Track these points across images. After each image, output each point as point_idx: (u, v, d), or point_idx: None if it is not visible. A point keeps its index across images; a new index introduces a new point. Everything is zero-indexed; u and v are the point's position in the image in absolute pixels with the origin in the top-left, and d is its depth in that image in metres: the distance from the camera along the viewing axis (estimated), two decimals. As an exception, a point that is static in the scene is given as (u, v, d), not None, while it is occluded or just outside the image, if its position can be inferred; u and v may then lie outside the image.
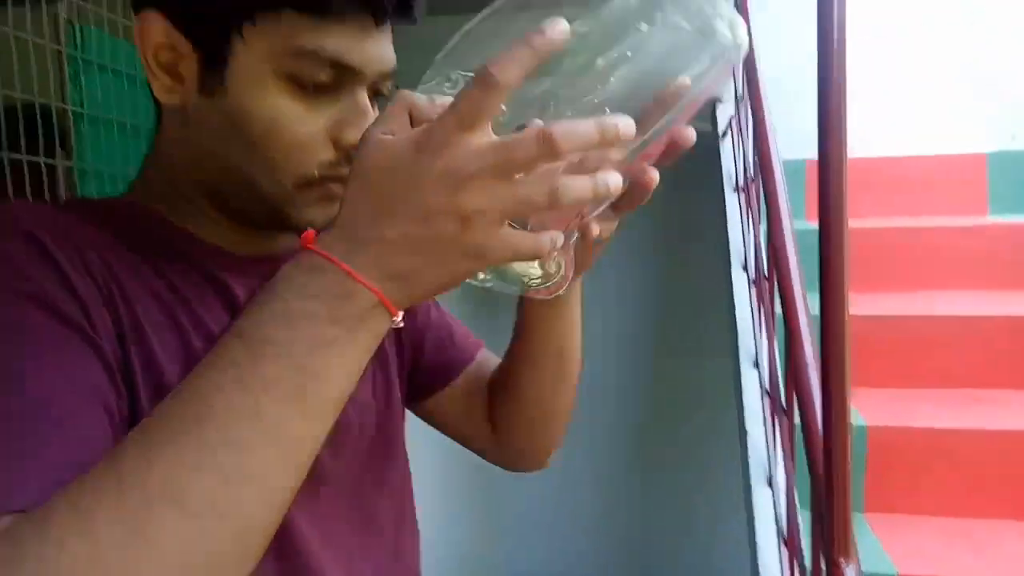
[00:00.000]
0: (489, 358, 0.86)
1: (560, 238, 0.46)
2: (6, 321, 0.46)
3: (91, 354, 0.48)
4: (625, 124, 0.42)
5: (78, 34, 1.32)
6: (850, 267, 0.95)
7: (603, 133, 0.41)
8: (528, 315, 0.74)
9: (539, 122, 0.43)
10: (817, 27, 0.87)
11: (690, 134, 0.52)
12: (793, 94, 2.46)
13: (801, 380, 1.37)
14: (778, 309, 1.70)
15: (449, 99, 0.43)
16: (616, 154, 0.45)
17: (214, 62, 0.54)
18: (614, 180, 0.43)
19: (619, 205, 0.54)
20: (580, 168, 0.43)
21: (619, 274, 3.71)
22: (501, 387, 0.81)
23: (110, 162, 1.39)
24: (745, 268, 2.22)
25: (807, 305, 1.51)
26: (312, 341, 0.42)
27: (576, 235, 0.52)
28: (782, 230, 1.47)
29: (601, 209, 0.50)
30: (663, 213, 3.79)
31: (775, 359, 1.78)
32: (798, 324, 1.45)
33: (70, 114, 1.31)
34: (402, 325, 0.47)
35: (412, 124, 0.45)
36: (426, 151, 0.41)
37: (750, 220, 2.16)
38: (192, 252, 0.59)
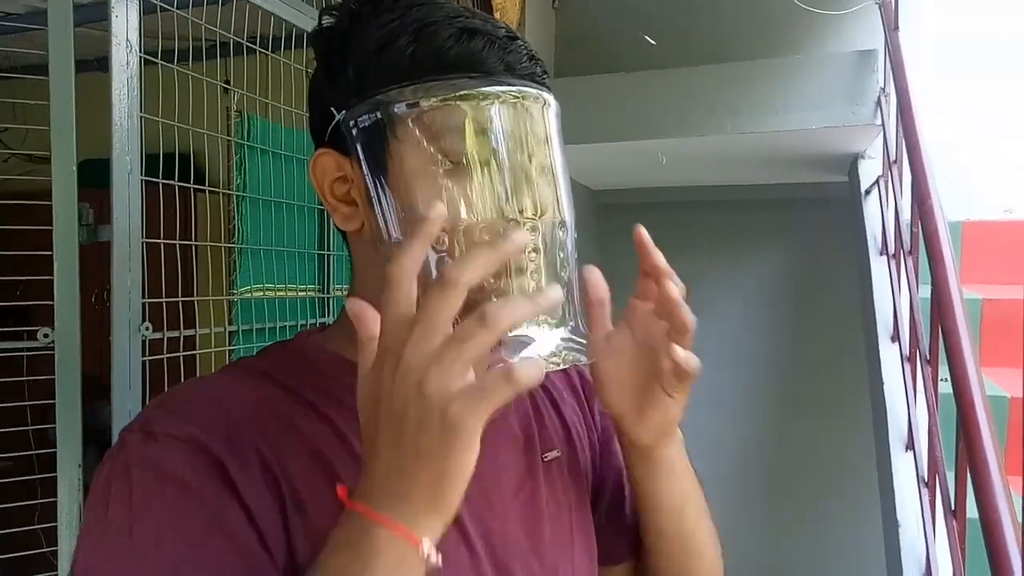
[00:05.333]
0: None
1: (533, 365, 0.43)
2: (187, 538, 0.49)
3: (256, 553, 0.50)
4: (555, 295, 0.44)
5: (245, 123, 1.40)
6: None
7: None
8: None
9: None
10: None
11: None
12: (940, 153, 2.31)
13: (981, 474, 1.23)
14: (943, 389, 1.57)
15: None
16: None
17: (377, 170, 0.55)
18: (555, 293, 0.44)
19: None
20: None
21: (739, 324, 3.57)
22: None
23: (266, 239, 1.45)
24: (895, 340, 2.06)
25: (982, 385, 1.38)
26: None
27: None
28: (952, 304, 1.34)
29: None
30: (791, 263, 3.63)
31: (937, 445, 1.63)
32: (973, 408, 1.32)
33: (235, 198, 1.38)
34: (433, 561, 0.46)
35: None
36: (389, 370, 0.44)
37: (900, 289, 2.01)
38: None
